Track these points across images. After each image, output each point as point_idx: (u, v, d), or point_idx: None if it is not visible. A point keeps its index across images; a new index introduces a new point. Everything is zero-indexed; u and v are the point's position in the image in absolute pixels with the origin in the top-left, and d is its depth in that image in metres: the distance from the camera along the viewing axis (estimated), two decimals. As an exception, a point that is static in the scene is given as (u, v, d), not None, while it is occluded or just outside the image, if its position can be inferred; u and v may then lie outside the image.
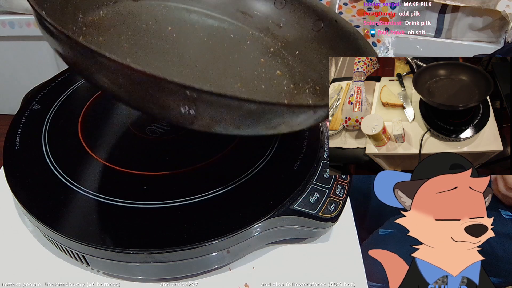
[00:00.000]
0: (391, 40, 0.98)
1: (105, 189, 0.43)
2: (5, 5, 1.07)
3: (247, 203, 0.43)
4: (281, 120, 0.33)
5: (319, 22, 0.54)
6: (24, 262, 0.44)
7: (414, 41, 1.14)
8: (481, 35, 1.20)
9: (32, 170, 0.46)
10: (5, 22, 1.09)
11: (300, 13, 0.56)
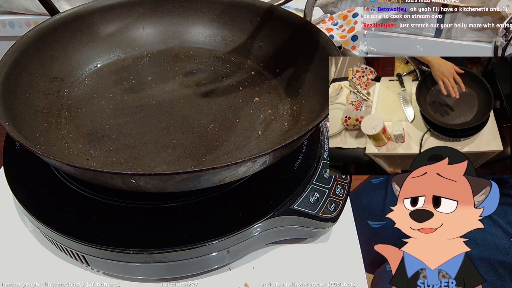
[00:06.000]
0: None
1: (105, 189, 0.43)
2: (5, 5, 1.07)
3: (247, 203, 0.43)
4: (222, 176, 0.36)
5: (295, 34, 0.55)
6: (24, 262, 0.44)
7: (414, 41, 1.14)
8: (481, 35, 1.20)
9: (32, 170, 0.46)
10: (5, 22, 1.09)
11: (276, 27, 0.57)
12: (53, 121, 0.48)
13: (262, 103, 0.52)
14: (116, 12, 0.58)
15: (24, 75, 0.48)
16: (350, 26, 0.81)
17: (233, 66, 0.58)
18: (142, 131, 0.47)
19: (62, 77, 0.53)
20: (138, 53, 0.59)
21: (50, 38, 0.52)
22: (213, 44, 0.61)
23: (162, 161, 0.44)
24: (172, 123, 0.48)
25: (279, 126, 0.49)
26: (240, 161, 0.34)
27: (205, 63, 0.58)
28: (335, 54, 0.48)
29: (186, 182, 0.36)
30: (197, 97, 0.52)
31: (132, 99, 0.52)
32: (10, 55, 0.46)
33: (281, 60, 0.56)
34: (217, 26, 0.61)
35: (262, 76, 0.56)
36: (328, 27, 0.83)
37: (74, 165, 0.33)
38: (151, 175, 0.33)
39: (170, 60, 0.59)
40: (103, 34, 0.58)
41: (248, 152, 0.45)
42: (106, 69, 0.56)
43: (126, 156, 0.44)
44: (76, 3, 0.83)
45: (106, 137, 0.46)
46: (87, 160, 0.44)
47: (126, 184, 0.35)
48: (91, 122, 0.48)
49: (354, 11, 0.82)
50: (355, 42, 0.80)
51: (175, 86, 0.54)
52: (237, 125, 0.48)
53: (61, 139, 0.46)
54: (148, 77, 0.56)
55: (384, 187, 0.73)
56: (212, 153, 0.45)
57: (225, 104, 0.52)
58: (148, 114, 0.50)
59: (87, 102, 0.51)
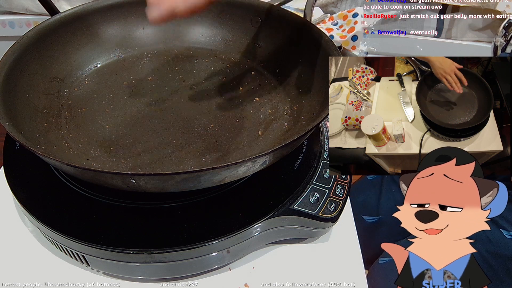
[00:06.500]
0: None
1: (105, 189, 0.43)
2: (5, 5, 1.07)
3: (247, 203, 0.43)
4: (222, 176, 0.36)
5: (295, 34, 0.55)
6: (24, 262, 0.44)
7: (414, 41, 1.14)
8: (481, 35, 1.20)
9: (32, 170, 0.46)
10: (5, 22, 1.09)
11: (276, 27, 0.57)
12: (53, 121, 0.48)
13: (262, 103, 0.52)
14: (116, 12, 0.58)
15: (24, 75, 0.48)
16: (350, 26, 0.81)
17: (233, 66, 0.58)
18: (142, 131, 0.47)
19: (62, 77, 0.53)
20: (138, 53, 0.59)
21: (50, 38, 0.52)
22: (213, 44, 0.61)
23: (162, 161, 0.44)
24: (172, 123, 0.48)
25: (279, 126, 0.49)
26: (240, 161, 0.34)
27: (205, 63, 0.58)
28: (335, 54, 0.48)
29: (186, 182, 0.36)
30: (197, 97, 0.52)
31: (132, 99, 0.52)
32: (10, 55, 0.46)
33: (281, 60, 0.56)
34: (217, 26, 0.61)
35: (262, 76, 0.56)
36: (328, 27, 0.83)
37: (74, 165, 0.33)
38: (151, 175, 0.33)
39: (170, 60, 0.59)
40: (103, 34, 0.58)
41: (248, 152, 0.45)
42: (106, 69, 0.56)
43: (126, 156, 0.44)
44: (76, 3, 0.83)
45: (106, 137, 0.46)
46: (87, 160, 0.44)
47: (126, 184, 0.35)
48: (91, 122, 0.48)
49: (354, 11, 0.82)
50: (355, 42, 0.80)
51: (175, 86, 0.54)
52: (237, 125, 0.48)
53: (61, 139, 0.46)
54: (148, 77, 0.55)
55: (379, 183, 0.74)
56: (212, 153, 0.45)
57: (225, 104, 0.52)
58: (148, 114, 0.50)
59: (87, 102, 0.51)
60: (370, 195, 0.73)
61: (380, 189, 0.73)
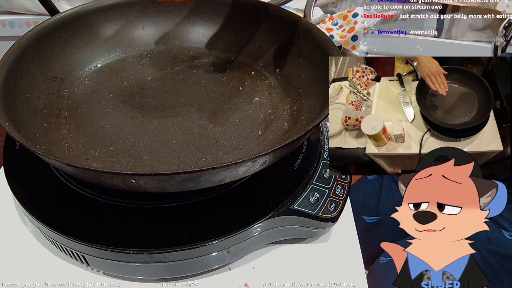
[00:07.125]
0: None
1: (105, 189, 0.43)
2: (5, 5, 1.07)
3: (247, 203, 0.43)
4: (222, 176, 0.36)
5: (295, 34, 0.55)
6: (24, 262, 0.44)
7: (414, 41, 1.14)
8: (481, 35, 1.20)
9: (32, 170, 0.46)
10: (5, 22, 1.09)
11: (276, 27, 0.57)
12: (53, 121, 0.48)
13: (262, 103, 0.52)
14: (116, 12, 0.58)
15: (24, 75, 0.48)
16: (350, 26, 0.81)
17: (233, 66, 0.58)
18: (142, 131, 0.47)
19: (62, 77, 0.53)
20: (138, 53, 0.59)
21: (50, 38, 0.52)
22: (213, 44, 0.61)
23: (162, 161, 0.44)
24: (172, 123, 0.48)
25: (279, 126, 0.49)
26: (240, 161, 0.34)
27: (205, 63, 0.58)
28: (335, 54, 0.48)
29: (186, 182, 0.36)
30: (197, 97, 0.53)
31: (132, 99, 0.52)
32: (10, 55, 0.46)
33: (281, 60, 0.56)
34: (217, 26, 0.61)
35: (262, 76, 0.56)
36: (328, 27, 0.83)
37: (74, 165, 0.33)
38: (151, 175, 0.33)
39: (170, 60, 0.59)
40: (103, 34, 0.58)
41: (248, 152, 0.45)
42: (106, 69, 0.56)
43: (126, 156, 0.44)
44: (76, 3, 0.83)
45: (106, 137, 0.46)
46: (87, 160, 0.44)
47: (126, 184, 0.35)
48: (91, 122, 0.48)
49: (354, 11, 0.82)
50: (355, 42, 0.80)
51: (175, 86, 0.54)
52: (237, 125, 0.48)
53: (61, 139, 0.46)
54: (148, 77, 0.55)
55: (379, 183, 0.74)
56: (212, 153, 0.45)
57: (225, 104, 0.52)
58: (148, 114, 0.50)
59: (87, 102, 0.51)
60: (370, 195, 0.73)
61: (380, 189, 0.73)
